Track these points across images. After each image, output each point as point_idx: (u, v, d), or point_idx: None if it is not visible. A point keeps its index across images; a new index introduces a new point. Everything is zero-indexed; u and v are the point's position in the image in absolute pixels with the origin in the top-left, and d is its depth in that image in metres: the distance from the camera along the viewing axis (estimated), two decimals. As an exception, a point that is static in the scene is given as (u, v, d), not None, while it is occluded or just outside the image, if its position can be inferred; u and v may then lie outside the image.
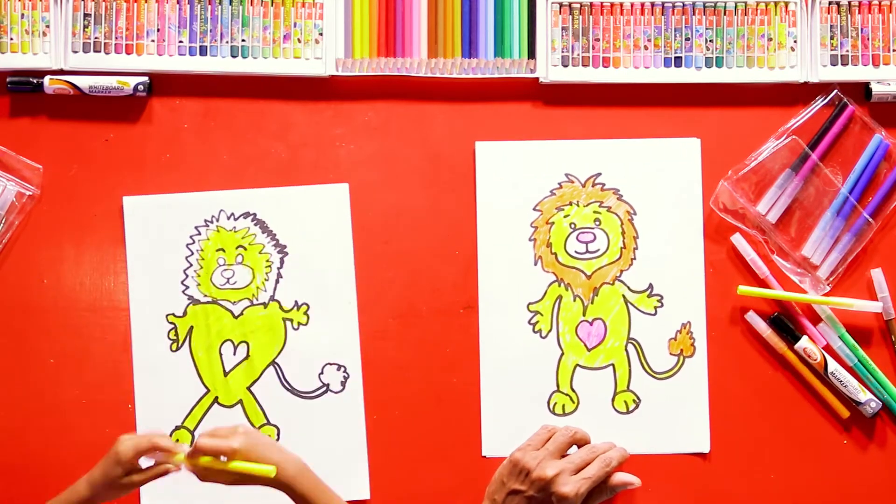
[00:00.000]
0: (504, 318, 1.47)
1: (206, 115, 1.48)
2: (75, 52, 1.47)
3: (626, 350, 1.47)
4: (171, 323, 1.47)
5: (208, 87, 1.49)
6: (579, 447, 1.40)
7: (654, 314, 1.47)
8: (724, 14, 1.48)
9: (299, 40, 1.48)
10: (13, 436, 1.46)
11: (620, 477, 1.39)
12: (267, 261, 1.47)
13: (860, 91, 1.49)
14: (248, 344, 1.47)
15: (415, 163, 1.48)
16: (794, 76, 1.48)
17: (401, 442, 1.46)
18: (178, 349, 1.47)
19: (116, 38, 1.47)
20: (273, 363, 1.47)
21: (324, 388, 1.46)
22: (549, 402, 1.46)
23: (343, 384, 1.46)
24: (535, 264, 1.47)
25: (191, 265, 1.47)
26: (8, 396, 1.46)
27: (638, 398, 1.47)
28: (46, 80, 1.46)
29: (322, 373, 1.47)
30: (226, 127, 1.48)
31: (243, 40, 1.47)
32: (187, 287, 1.47)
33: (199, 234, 1.47)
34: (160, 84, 1.48)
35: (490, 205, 1.47)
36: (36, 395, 1.46)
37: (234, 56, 1.47)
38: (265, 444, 1.27)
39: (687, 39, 1.48)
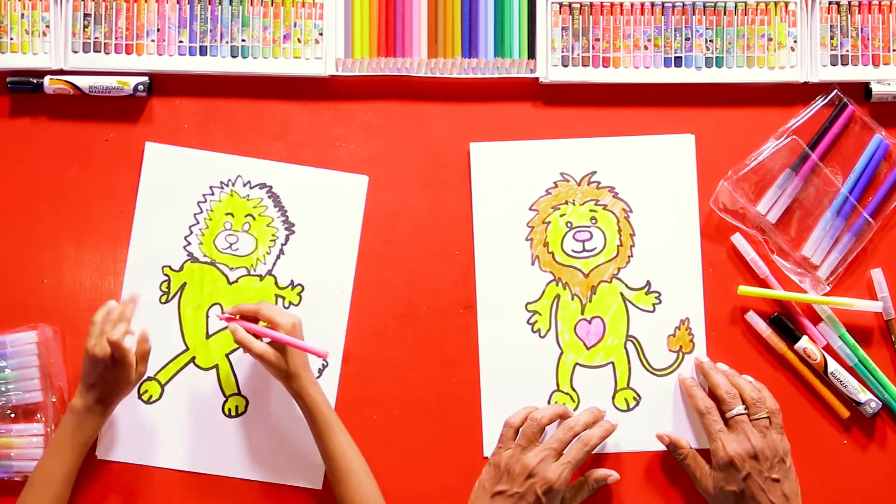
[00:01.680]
0: (503, 319, 1.47)
1: (206, 115, 1.48)
2: (75, 52, 1.47)
3: (626, 348, 1.47)
4: (166, 275, 1.47)
5: (208, 87, 1.49)
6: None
7: (653, 311, 1.47)
8: (724, 14, 1.48)
9: (299, 40, 1.48)
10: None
11: (598, 473, 1.41)
12: (273, 235, 1.47)
13: (860, 91, 1.49)
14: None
15: (415, 163, 1.48)
16: (794, 76, 1.48)
17: (401, 442, 1.46)
18: (167, 301, 1.47)
19: (116, 38, 1.47)
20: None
21: None
22: (549, 402, 1.46)
23: (320, 372, 1.46)
24: (533, 264, 1.47)
25: (197, 223, 1.47)
26: (8, 396, 1.46)
27: (638, 395, 1.47)
28: (46, 80, 1.46)
29: None
30: (226, 127, 1.48)
31: (243, 40, 1.47)
32: (189, 244, 1.47)
33: (213, 194, 1.47)
34: (160, 84, 1.48)
35: (486, 205, 1.47)
36: (36, 394, 1.46)
37: (234, 56, 1.47)
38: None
39: (687, 39, 1.48)
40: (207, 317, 1.47)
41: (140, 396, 1.45)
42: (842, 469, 1.46)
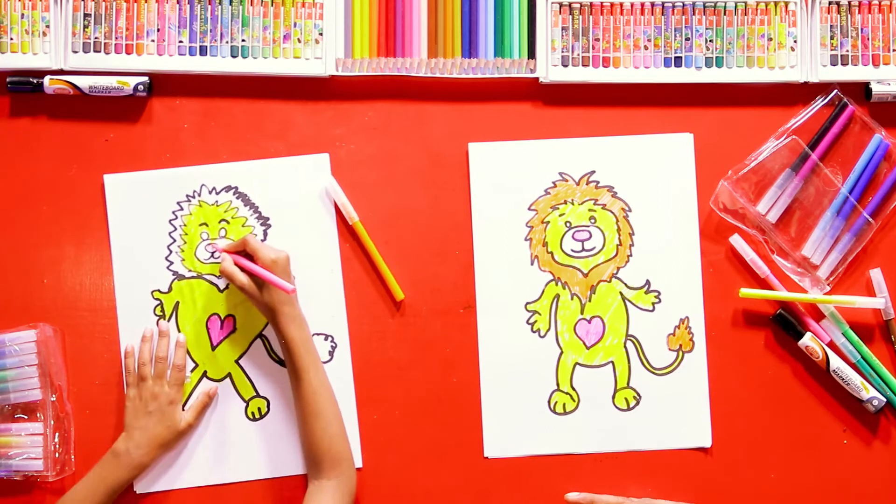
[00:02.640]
0: (502, 319, 1.47)
1: (206, 115, 1.48)
2: (75, 52, 1.47)
3: (625, 347, 1.47)
4: (157, 299, 1.47)
5: (208, 87, 1.49)
6: None
7: (652, 310, 1.47)
8: (724, 14, 1.48)
9: (299, 40, 1.48)
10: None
11: None
12: (251, 233, 1.47)
13: (860, 91, 1.49)
14: (234, 317, 1.47)
15: (415, 163, 1.48)
16: (794, 76, 1.48)
17: (401, 442, 1.46)
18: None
19: (116, 38, 1.47)
20: (260, 335, 1.47)
21: None
22: (549, 401, 1.46)
23: (331, 353, 1.46)
24: (532, 264, 1.47)
25: (174, 241, 1.47)
26: (8, 396, 1.46)
27: (638, 395, 1.47)
28: (46, 80, 1.46)
29: None
30: (226, 127, 1.48)
31: (243, 40, 1.47)
32: (171, 263, 1.47)
33: (182, 209, 1.47)
34: (160, 84, 1.48)
35: (485, 205, 1.47)
36: (36, 394, 1.46)
37: (234, 56, 1.47)
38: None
39: (687, 39, 1.48)
40: (208, 329, 1.47)
41: None
42: (844, 464, 1.46)
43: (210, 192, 1.47)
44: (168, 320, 1.47)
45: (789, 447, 1.46)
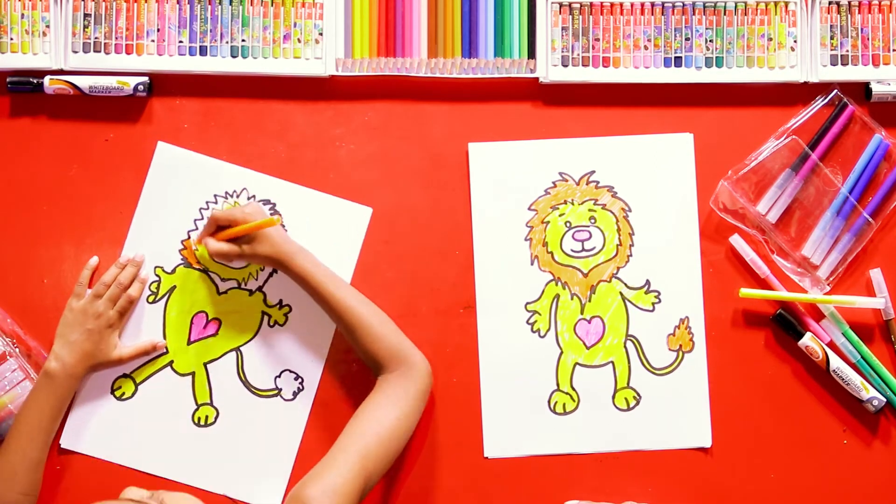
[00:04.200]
0: (502, 319, 1.47)
1: (206, 115, 1.49)
2: (75, 52, 1.47)
3: (625, 347, 1.47)
4: (157, 276, 1.47)
5: (208, 87, 1.49)
6: None
7: (652, 310, 1.47)
8: (724, 14, 1.48)
9: (299, 40, 1.48)
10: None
11: None
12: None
13: (860, 91, 1.49)
14: (219, 322, 1.47)
15: (414, 163, 1.48)
16: (794, 76, 1.48)
17: (400, 442, 1.46)
18: (154, 302, 1.47)
19: (116, 38, 1.47)
20: (237, 349, 1.47)
21: (276, 392, 1.46)
22: (549, 402, 1.46)
23: (295, 395, 1.46)
24: (532, 264, 1.47)
25: (196, 229, 1.47)
26: (7, 396, 1.46)
27: (638, 395, 1.47)
28: (46, 80, 1.46)
29: (279, 376, 1.47)
30: (226, 127, 1.48)
31: (243, 40, 1.47)
32: (184, 248, 1.47)
33: (216, 203, 1.47)
34: (160, 84, 1.48)
35: (485, 205, 1.47)
36: (35, 394, 1.46)
37: (234, 56, 1.47)
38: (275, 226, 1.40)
39: (687, 39, 1.48)
40: (192, 323, 1.47)
41: (113, 392, 1.46)
42: (844, 464, 1.46)
43: (249, 199, 1.47)
44: (158, 300, 1.47)
45: (789, 447, 1.46)
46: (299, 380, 1.46)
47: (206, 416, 1.46)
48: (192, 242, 1.46)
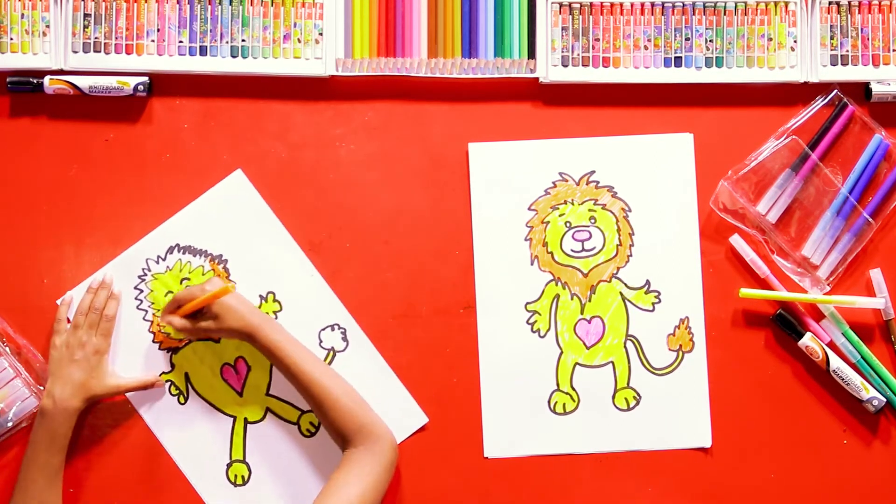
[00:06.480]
0: (502, 319, 1.47)
1: (206, 115, 1.49)
2: (75, 52, 1.47)
3: (625, 347, 1.47)
4: (168, 381, 1.47)
5: (208, 87, 1.49)
6: None
7: (652, 310, 1.47)
8: (724, 14, 1.48)
9: (299, 40, 1.48)
10: (13, 435, 1.46)
11: None
12: (227, 278, 1.47)
13: (860, 91, 1.49)
14: (243, 357, 1.47)
15: (414, 163, 1.48)
16: (794, 76, 1.48)
17: (401, 442, 1.46)
18: (185, 402, 1.47)
19: (116, 38, 1.47)
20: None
21: (331, 352, 1.46)
22: (549, 402, 1.46)
23: (345, 339, 1.46)
24: (532, 264, 1.47)
25: (142, 302, 1.47)
26: (8, 396, 1.46)
27: (638, 395, 1.47)
28: (46, 80, 1.46)
29: (321, 340, 1.46)
30: (226, 127, 1.48)
31: (243, 40, 1.47)
32: (160, 343, 1.47)
33: (145, 278, 1.47)
34: (160, 84, 1.48)
35: (485, 205, 1.47)
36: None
37: (234, 56, 1.47)
38: (238, 297, 1.40)
39: (687, 39, 1.48)
40: (226, 380, 1.47)
41: (227, 476, 1.46)
42: (844, 464, 1.46)
43: (161, 260, 1.47)
44: (187, 395, 1.46)
45: (789, 447, 1.46)
46: (335, 328, 1.47)
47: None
48: (158, 323, 1.46)
